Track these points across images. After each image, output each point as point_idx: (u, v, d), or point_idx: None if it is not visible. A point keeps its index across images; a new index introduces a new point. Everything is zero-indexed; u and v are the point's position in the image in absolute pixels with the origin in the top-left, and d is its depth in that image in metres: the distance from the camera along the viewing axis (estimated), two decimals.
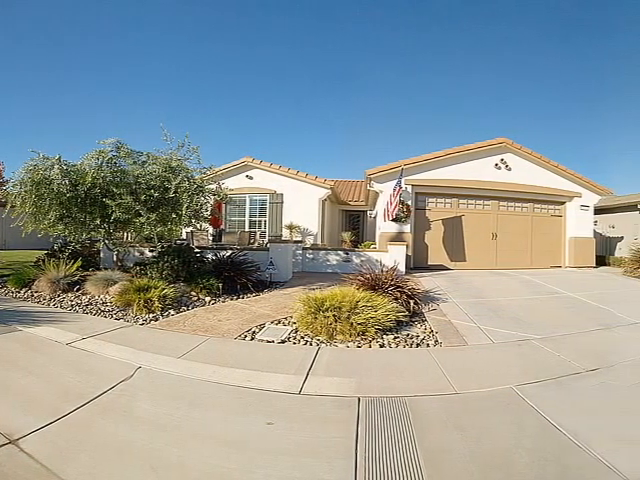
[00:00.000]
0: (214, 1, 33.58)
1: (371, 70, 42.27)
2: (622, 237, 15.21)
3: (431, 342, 4.62)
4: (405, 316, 5.23)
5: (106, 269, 7.42)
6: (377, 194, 12.53)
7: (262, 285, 7.54)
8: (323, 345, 4.40)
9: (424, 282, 8.33)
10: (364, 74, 41.94)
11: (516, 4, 31.90)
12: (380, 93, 47.06)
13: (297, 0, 33.83)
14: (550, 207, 12.85)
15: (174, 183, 6.16)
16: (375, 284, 5.98)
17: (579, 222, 12.71)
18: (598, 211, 14.53)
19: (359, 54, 41.48)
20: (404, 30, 36.73)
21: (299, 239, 13.24)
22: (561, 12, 31.73)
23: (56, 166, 5.82)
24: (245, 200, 14.51)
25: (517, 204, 12.41)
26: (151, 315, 5.30)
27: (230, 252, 8.32)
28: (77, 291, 6.47)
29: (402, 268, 9.42)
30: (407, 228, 11.09)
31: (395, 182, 10.26)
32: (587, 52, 36.44)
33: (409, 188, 11.16)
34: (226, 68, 42.46)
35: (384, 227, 11.15)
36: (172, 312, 5.52)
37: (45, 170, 5.86)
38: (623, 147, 46.92)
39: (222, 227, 13.72)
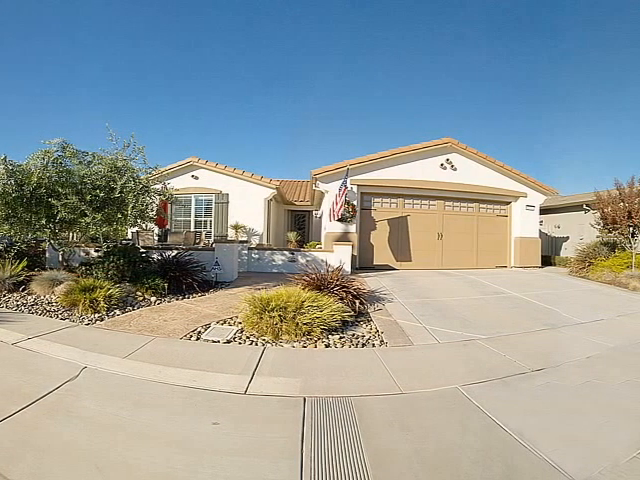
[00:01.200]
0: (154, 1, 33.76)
1: (316, 71, 44.89)
2: (567, 237, 16.99)
3: (377, 342, 5.05)
4: (351, 316, 5.76)
5: (52, 269, 7.91)
6: (323, 194, 13.56)
7: (208, 285, 8.31)
8: (269, 345, 4.78)
9: (370, 282, 9.22)
10: (309, 75, 44.51)
11: (461, 4, 34.69)
12: (326, 94, 49.91)
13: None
14: (496, 207, 14.41)
15: (120, 183, 6.77)
16: (321, 284, 6.53)
17: (525, 222, 14.25)
18: (544, 211, 16.26)
19: (301, 55, 44.37)
20: (349, 31, 39.12)
21: (245, 239, 14.27)
22: (507, 13, 34.95)
23: (1, 166, 6.30)
24: (191, 200, 15.42)
25: (463, 204, 13.83)
26: (97, 315, 5.78)
27: (176, 252, 8.99)
28: (23, 291, 6.93)
29: (348, 268, 10.67)
30: (353, 228, 12.23)
31: (341, 182, 11.36)
32: (531, 53, 40.82)
33: (355, 188, 12.32)
34: (169, 69, 44.11)
35: (330, 227, 12.19)
36: (118, 312, 6.02)
37: None
38: (568, 148, 52.34)
39: (168, 227, 14.61)
